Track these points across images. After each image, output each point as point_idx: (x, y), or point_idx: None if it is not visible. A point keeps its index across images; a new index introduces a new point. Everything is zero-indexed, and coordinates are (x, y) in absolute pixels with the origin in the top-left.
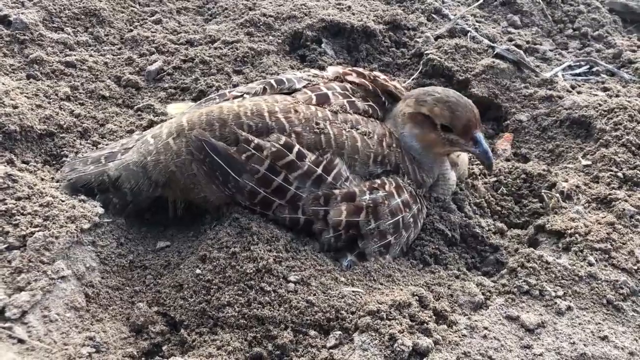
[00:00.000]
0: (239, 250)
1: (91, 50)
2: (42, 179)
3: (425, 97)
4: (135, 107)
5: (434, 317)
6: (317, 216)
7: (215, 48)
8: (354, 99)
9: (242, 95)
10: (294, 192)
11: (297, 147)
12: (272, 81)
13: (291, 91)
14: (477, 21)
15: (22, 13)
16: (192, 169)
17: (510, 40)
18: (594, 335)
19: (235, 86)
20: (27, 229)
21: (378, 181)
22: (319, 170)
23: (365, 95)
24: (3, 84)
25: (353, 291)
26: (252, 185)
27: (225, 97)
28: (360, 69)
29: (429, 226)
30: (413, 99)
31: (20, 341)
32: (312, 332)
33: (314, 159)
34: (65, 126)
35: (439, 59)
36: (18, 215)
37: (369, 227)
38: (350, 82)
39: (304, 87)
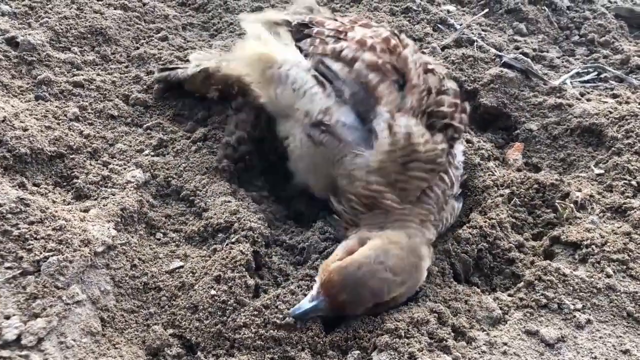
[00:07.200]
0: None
1: (98, 69)
2: (54, 202)
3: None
4: (145, 125)
5: (452, 333)
6: None
7: None
8: None
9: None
10: None
11: None
12: None
13: None
14: (483, 30)
15: (29, 34)
16: None
17: (517, 48)
18: (615, 349)
19: None
20: (41, 253)
21: None
22: None
23: None
24: (12, 106)
25: None
26: None
27: None
28: None
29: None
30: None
31: None
32: (330, 352)
33: None
34: (75, 147)
35: (446, 69)
36: (31, 240)
37: None
38: None
39: None
